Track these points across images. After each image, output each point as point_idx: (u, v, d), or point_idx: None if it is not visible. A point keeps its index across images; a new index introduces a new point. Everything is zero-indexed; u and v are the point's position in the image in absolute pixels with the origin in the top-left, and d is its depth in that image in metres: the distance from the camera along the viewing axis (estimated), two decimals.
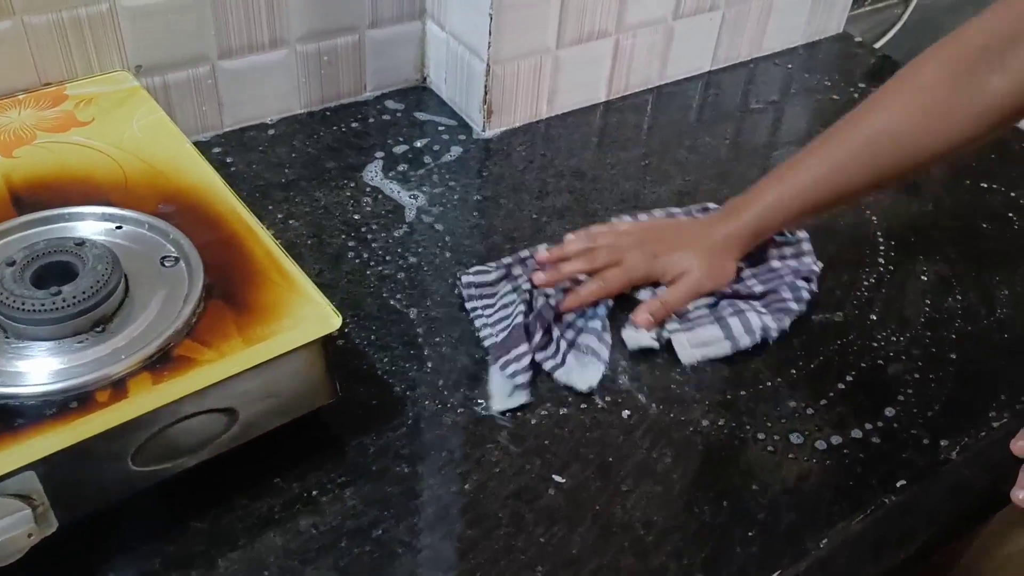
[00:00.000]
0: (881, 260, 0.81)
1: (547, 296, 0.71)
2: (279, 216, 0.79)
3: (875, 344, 0.73)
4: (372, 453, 0.61)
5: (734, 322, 0.71)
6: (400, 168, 0.86)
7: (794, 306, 0.74)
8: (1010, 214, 0.88)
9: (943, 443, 0.65)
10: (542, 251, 0.75)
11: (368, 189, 0.83)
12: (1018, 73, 0.64)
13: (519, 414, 0.64)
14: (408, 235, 0.79)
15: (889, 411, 0.67)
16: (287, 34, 0.85)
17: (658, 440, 0.64)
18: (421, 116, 0.94)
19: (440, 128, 0.92)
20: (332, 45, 0.89)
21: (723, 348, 0.70)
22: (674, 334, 0.71)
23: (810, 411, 0.67)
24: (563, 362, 0.68)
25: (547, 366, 0.68)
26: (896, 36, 1.27)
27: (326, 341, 0.58)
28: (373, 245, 0.77)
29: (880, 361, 0.71)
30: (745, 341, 0.70)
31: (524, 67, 0.89)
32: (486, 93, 0.88)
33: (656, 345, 0.70)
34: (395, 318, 0.71)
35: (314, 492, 0.58)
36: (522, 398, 0.66)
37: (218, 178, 0.68)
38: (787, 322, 0.73)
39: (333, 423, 0.63)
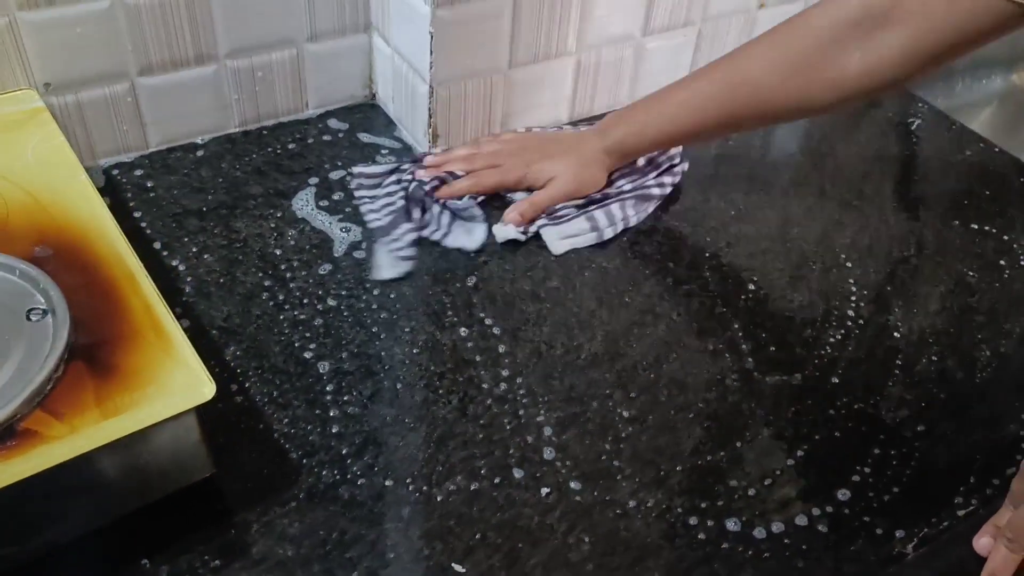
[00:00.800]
0: (851, 312, 0.74)
1: (422, 183, 0.79)
2: (193, 249, 0.73)
3: (833, 412, 0.66)
4: (255, 532, 0.55)
5: (599, 214, 0.78)
6: (334, 196, 0.80)
7: (656, 191, 0.81)
8: (1002, 261, 0.81)
9: (898, 534, 0.58)
10: (430, 156, 0.82)
11: (295, 220, 0.77)
12: (876, 54, 0.65)
13: (425, 488, 0.58)
14: (332, 274, 0.72)
15: (842, 493, 0.60)
16: (214, 49, 0.79)
17: (577, 524, 0.57)
18: (365, 138, 0.87)
19: (384, 152, 0.86)
20: (266, 60, 0.82)
21: (589, 239, 0.77)
22: (543, 228, 0.77)
23: (752, 491, 0.60)
24: (449, 231, 0.76)
25: (435, 236, 0.76)
26: None
27: (200, 411, 0.52)
28: (291, 285, 0.71)
29: (837, 433, 0.64)
30: (608, 232, 0.78)
31: (472, 88, 0.82)
32: (430, 116, 0.81)
33: (522, 237, 0.77)
34: (302, 371, 0.65)
35: None
36: (405, 267, 0.73)
37: (107, 215, 0.62)
38: (650, 208, 0.81)
39: (216, 495, 0.57)
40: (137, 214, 0.76)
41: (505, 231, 0.77)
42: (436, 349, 0.67)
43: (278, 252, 0.74)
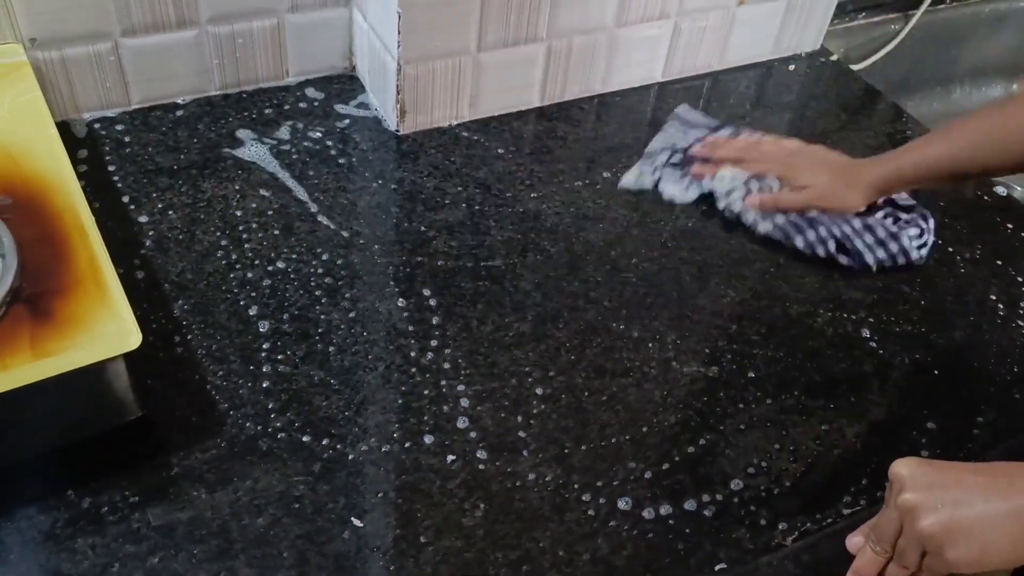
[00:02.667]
0: (777, 311, 0.76)
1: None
2: (159, 206, 0.77)
3: (742, 406, 0.69)
4: (175, 474, 0.60)
5: (820, 228, 0.81)
6: (302, 162, 0.84)
7: (906, 241, 0.81)
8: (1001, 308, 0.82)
9: (782, 526, 0.61)
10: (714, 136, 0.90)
11: (260, 182, 0.81)
12: None
13: (339, 447, 0.62)
14: (285, 237, 0.76)
15: (736, 483, 0.64)
16: (195, 15, 0.83)
17: (474, 491, 0.61)
18: (340, 108, 0.91)
19: (356, 123, 0.89)
20: (247, 28, 0.86)
21: (797, 242, 0.81)
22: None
23: (648, 474, 0.63)
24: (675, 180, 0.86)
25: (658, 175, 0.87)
26: (891, 55, 1.19)
27: (128, 358, 0.57)
28: (246, 246, 0.75)
29: (742, 426, 0.67)
30: (799, 242, 0.81)
31: (441, 68, 0.85)
32: (398, 92, 0.85)
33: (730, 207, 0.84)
34: (243, 328, 0.69)
35: (103, 510, 0.57)
36: (643, 184, 0.86)
37: (70, 170, 0.67)
38: (880, 251, 0.81)
39: (141, 438, 0.61)
40: (112, 167, 0.80)
41: (714, 184, 0.85)
42: (372, 318, 0.71)
43: (238, 213, 0.78)
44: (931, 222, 0.84)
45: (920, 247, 0.82)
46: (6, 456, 0.56)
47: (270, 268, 0.74)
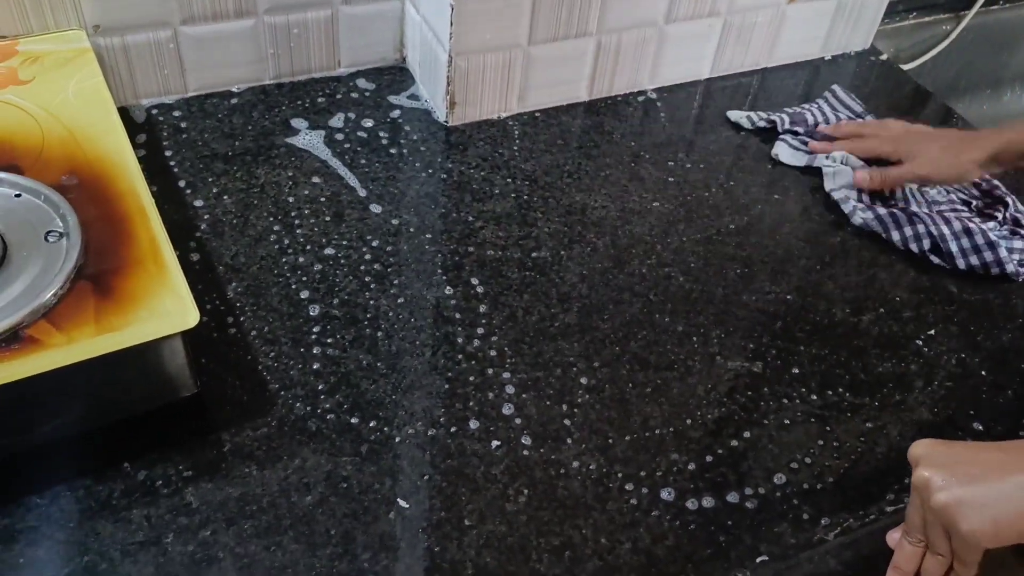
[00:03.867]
0: (823, 308, 0.76)
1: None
2: (214, 191, 0.79)
3: (787, 401, 0.69)
4: (226, 451, 0.61)
5: (919, 225, 0.81)
6: (353, 151, 0.85)
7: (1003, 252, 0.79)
8: None
9: (824, 521, 0.62)
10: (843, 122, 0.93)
11: (312, 170, 0.83)
12: None
13: (386, 429, 0.63)
14: (336, 223, 0.78)
15: (779, 478, 0.64)
16: (253, 5, 0.84)
17: (518, 477, 0.62)
18: (392, 99, 0.92)
19: (407, 113, 0.90)
20: (302, 19, 0.87)
21: (894, 236, 0.82)
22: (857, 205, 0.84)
23: (692, 466, 0.64)
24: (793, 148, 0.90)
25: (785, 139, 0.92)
26: (942, 55, 1.18)
27: (185, 336, 0.58)
28: (297, 232, 0.77)
29: (786, 421, 0.68)
30: (913, 245, 0.81)
31: (491, 61, 0.86)
32: (448, 84, 0.86)
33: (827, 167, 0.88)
34: (294, 312, 0.70)
35: (158, 483, 0.59)
36: (754, 122, 0.94)
37: (131, 154, 0.68)
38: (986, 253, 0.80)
39: (195, 415, 0.63)
40: (168, 152, 0.82)
41: (827, 162, 0.88)
42: (420, 305, 0.72)
43: (291, 199, 0.80)
44: None
45: None
46: (68, 427, 0.58)
47: (321, 254, 0.75)
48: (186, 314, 0.58)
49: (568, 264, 0.77)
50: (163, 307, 0.58)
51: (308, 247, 0.76)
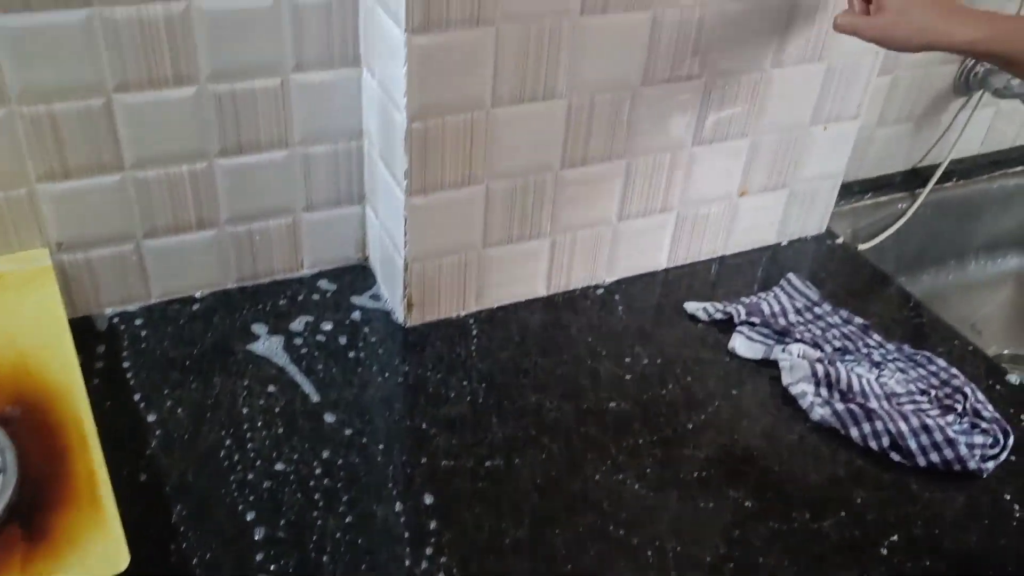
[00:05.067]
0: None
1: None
2: (168, 404, 0.79)
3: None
4: None
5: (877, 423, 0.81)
6: (311, 355, 0.86)
7: (963, 449, 0.79)
8: None
9: None
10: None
11: (269, 377, 0.83)
12: None
13: None
14: (288, 436, 0.77)
15: None
16: (215, 217, 0.87)
17: None
18: (354, 299, 0.93)
19: (368, 314, 0.92)
20: (264, 227, 0.90)
21: (852, 433, 0.82)
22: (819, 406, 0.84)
23: None
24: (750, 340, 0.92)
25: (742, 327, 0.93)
26: (902, 231, 1.20)
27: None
28: (248, 446, 0.76)
29: None
30: (872, 443, 0.81)
31: (448, 263, 0.88)
32: (405, 288, 0.87)
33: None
34: (237, 535, 0.69)
35: None
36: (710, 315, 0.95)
37: (78, 377, 0.69)
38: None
39: None
40: (127, 363, 0.83)
41: (782, 355, 0.90)
42: (368, 524, 0.71)
43: (245, 411, 0.80)
44: (1010, 440, 0.82)
45: (987, 458, 0.80)
46: None
47: (271, 469, 0.75)
48: (118, 558, 0.57)
49: (521, 471, 0.77)
50: (94, 551, 0.57)
51: (258, 462, 0.75)
